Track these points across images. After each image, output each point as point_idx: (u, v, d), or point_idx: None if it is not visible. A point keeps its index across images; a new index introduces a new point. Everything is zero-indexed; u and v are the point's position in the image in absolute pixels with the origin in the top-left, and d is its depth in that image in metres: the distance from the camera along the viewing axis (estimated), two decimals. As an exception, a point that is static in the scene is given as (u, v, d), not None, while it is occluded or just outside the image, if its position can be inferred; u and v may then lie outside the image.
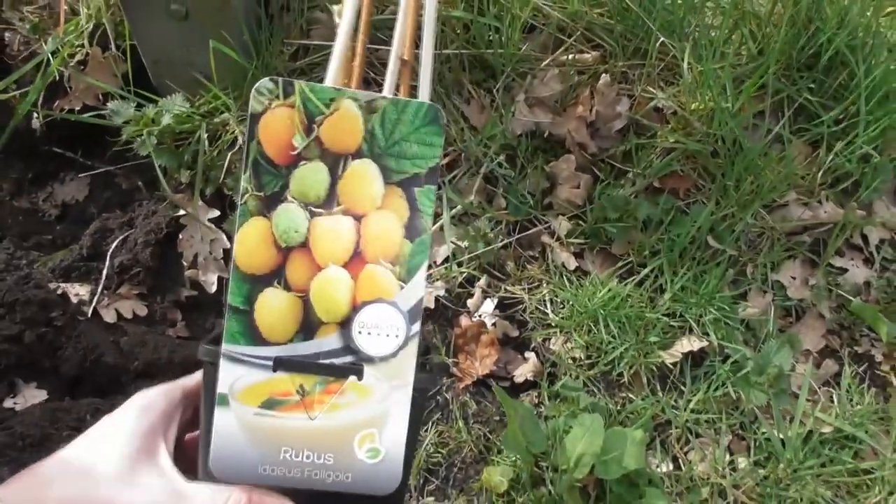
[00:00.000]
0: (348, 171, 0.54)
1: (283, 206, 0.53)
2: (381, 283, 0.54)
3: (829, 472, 1.26)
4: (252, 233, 0.53)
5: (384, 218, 0.54)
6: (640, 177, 1.39)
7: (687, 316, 1.33)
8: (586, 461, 1.14)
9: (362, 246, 0.54)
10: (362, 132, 0.54)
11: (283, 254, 0.53)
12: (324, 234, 0.54)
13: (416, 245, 0.54)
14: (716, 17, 1.47)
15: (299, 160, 0.53)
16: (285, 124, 0.53)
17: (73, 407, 1.13)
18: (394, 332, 0.54)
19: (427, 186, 0.54)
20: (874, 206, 1.50)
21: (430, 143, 0.55)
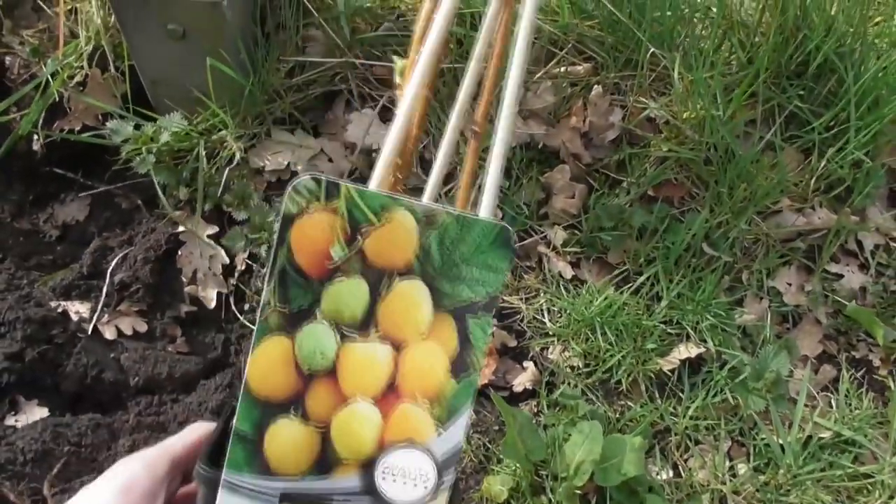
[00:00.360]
0: (393, 292, 0.47)
1: (310, 325, 0.47)
2: (415, 424, 0.47)
3: (828, 477, 1.26)
4: (270, 352, 0.46)
5: (429, 350, 0.47)
6: (634, 186, 1.40)
7: (684, 323, 1.33)
8: (586, 469, 1.14)
9: (399, 380, 0.47)
10: (415, 249, 0.46)
11: (305, 380, 0.47)
12: (355, 363, 0.47)
13: (461, 385, 0.47)
14: (705, 27, 1.49)
15: (336, 274, 0.46)
16: (324, 232, 0.46)
17: (73, 423, 1.14)
18: (422, 481, 0.47)
19: (483, 317, 0.47)
20: (867, 211, 1.51)
21: (496, 268, 0.47)
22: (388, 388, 0.47)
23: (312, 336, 0.46)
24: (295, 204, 0.45)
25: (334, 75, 1.39)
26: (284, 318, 0.46)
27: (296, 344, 0.46)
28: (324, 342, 0.47)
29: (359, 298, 0.47)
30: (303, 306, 0.46)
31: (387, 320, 0.47)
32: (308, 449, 0.47)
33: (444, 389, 0.47)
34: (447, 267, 0.47)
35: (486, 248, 0.47)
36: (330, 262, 0.46)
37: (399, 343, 0.47)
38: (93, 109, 1.38)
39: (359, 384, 0.47)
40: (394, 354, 0.47)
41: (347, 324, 0.47)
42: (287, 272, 0.46)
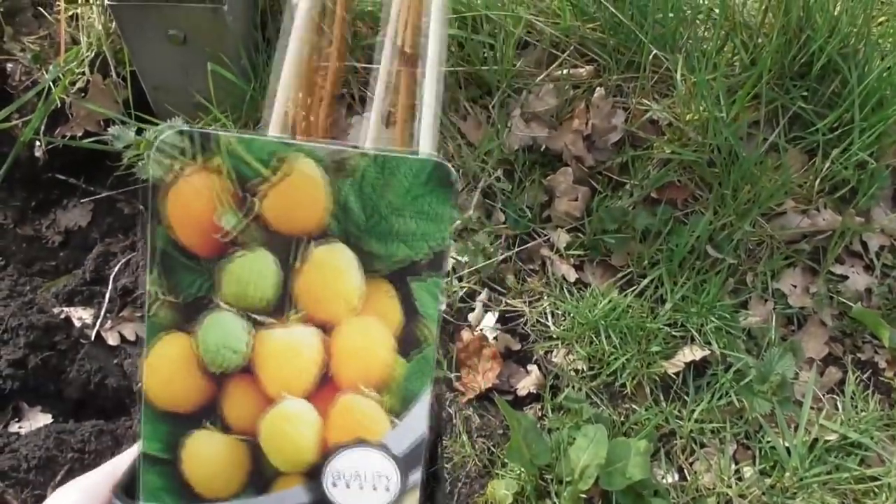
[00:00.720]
0: (309, 262, 0.38)
1: (211, 315, 0.38)
2: (361, 419, 0.39)
3: (835, 480, 1.25)
4: (167, 354, 0.38)
5: (366, 326, 0.39)
6: (637, 188, 1.40)
7: (688, 325, 1.33)
8: (591, 472, 1.13)
9: (334, 368, 0.39)
10: (328, 204, 0.37)
11: (216, 382, 0.39)
12: (275, 354, 0.39)
13: (414, 364, 0.39)
14: (707, 28, 1.48)
15: (232, 249, 0.37)
16: (207, 197, 0.36)
17: (77, 429, 1.14)
18: (382, 483, 0.39)
19: (430, 278, 0.38)
20: (872, 212, 1.50)
21: (436, 214, 0.37)
22: (322, 380, 0.39)
23: (216, 328, 0.38)
24: (163, 167, 0.36)
25: (336, 79, 1.39)
26: (177, 310, 0.38)
27: (197, 340, 0.38)
28: (231, 334, 0.38)
29: (266, 275, 0.38)
30: (197, 293, 0.38)
31: (307, 297, 0.38)
32: (236, 465, 0.40)
33: (392, 373, 0.39)
34: (373, 222, 0.38)
35: (419, 192, 0.37)
36: (221, 234, 0.37)
37: (327, 324, 0.39)
38: (95, 115, 1.38)
39: (284, 380, 0.39)
40: (322, 338, 0.39)
41: (258, 308, 0.38)
42: (170, 254, 0.37)
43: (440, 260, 0.39)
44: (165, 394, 0.39)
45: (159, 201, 0.36)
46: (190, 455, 0.40)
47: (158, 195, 0.36)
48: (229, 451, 0.40)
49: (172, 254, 0.37)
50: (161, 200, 0.37)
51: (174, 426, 0.39)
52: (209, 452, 0.40)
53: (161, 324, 0.38)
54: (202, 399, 0.39)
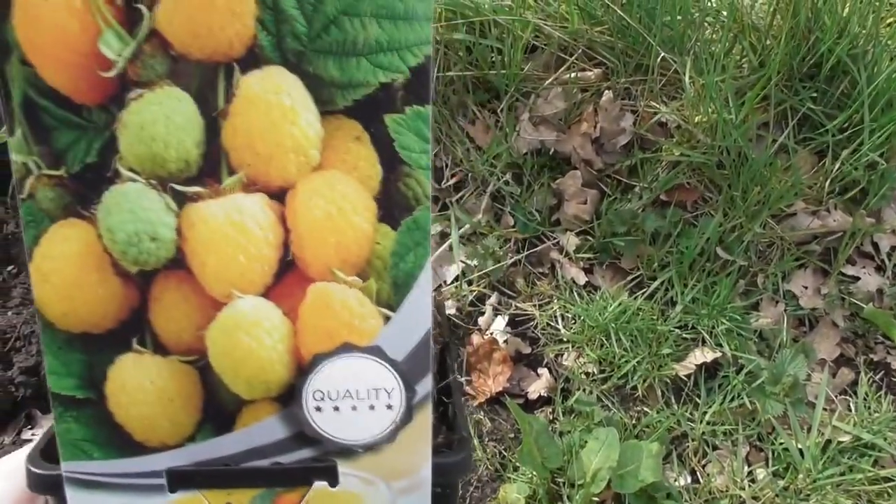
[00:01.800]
0: (239, 99, 0.26)
1: (115, 190, 0.27)
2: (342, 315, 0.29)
3: (848, 481, 1.24)
4: (63, 253, 0.27)
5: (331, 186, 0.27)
6: (646, 190, 1.40)
7: (699, 327, 1.32)
8: (603, 475, 1.13)
9: (296, 249, 0.28)
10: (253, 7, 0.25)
11: (137, 286, 0.28)
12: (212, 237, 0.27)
13: (404, 233, 0.28)
14: (715, 31, 1.48)
15: (126, 88, 0.26)
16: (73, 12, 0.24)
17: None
18: (383, 398, 0.29)
19: (411, 109, 0.27)
20: (883, 213, 1.50)
21: (409, 12, 0.26)
22: (283, 267, 0.28)
23: (123, 208, 0.27)
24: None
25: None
26: (64, 188, 0.26)
27: (101, 228, 0.27)
28: (148, 215, 0.27)
29: (183, 126, 0.26)
30: (88, 158, 0.26)
31: (244, 152, 0.27)
32: (184, 396, 0.29)
33: (376, 248, 0.28)
34: (320, 30, 0.26)
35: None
36: (107, 67, 0.25)
37: (278, 187, 0.27)
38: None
39: (230, 273, 0.28)
40: (275, 208, 0.28)
41: (177, 174, 0.27)
42: (36, 103, 0.25)
43: (422, 80, 0.27)
44: (69, 309, 0.28)
45: (4, 23, 0.24)
46: (117, 390, 0.29)
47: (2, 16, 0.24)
48: (171, 378, 0.29)
49: (40, 103, 0.25)
50: (5, 21, 0.24)
51: (89, 353, 0.28)
52: (143, 383, 0.29)
53: (44, 210, 0.26)
54: (122, 310, 0.28)
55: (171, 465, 0.29)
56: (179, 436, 0.29)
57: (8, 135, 0.25)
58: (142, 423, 0.29)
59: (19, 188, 0.26)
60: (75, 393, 0.29)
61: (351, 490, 0.30)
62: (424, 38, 0.26)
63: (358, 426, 0.29)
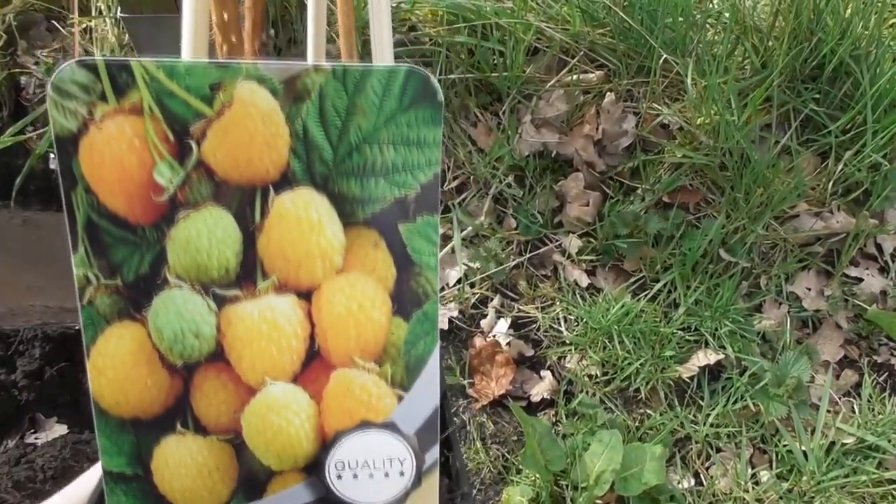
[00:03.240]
0: (273, 215, 0.30)
1: (164, 295, 0.31)
2: (362, 396, 0.33)
3: (853, 483, 1.24)
4: (117, 351, 0.32)
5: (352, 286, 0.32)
6: (649, 192, 1.40)
7: (702, 329, 1.32)
8: (606, 478, 1.13)
9: (321, 341, 0.32)
10: (286, 138, 0.29)
11: (182, 376, 0.32)
12: (248, 333, 0.32)
13: (415, 324, 0.32)
14: (717, 32, 1.48)
15: (176, 209, 0.30)
16: (132, 147, 0.28)
17: (93, 439, 1.14)
18: (396, 466, 0.33)
19: (422, 218, 0.31)
20: (886, 214, 1.50)
21: (420, 139, 0.30)
22: (310, 356, 0.33)
23: (172, 311, 0.31)
24: (68, 115, 0.27)
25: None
26: (119, 294, 0.31)
27: (150, 328, 0.32)
28: (192, 316, 0.31)
29: (223, 239, 0.30)
30: (141, 270, 0.30)
31: (276, 260, 0.31)
32: (221, 470, 0.33)
33: (391, 338, 0.32)
34: (344, 155, 0.30)
35: (394, 111, 0.29)
36: (159, 192, 0.29)
37: (306, 288, 0.32)
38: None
39: (264, 363, 0.32)
40: (303, 306, 0.32)
41: (218, 280, 0.31)
42: (98, 225, 0.29)
43: (432, 193, 0.31)
44: (122, 398, 0.32)
45: (71, 159, 0.28)
46: (162, 466, 0.33)
47: (69, 151, 0.27)
48: (210, 455, 0.33)
49: (100, 224, 0.29)
50: (73, 158, 0.28)
51: (138, 435, 0.32)
52: (185, 460, 0.33)
53: (101, 314, 0.31)
54: (168, 398, 0.33)
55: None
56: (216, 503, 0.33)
57: (72, 252, 0.30)
58: (183, 494, 0.33)
59: (80, 296, 0.31)
60: (125, 470, 0.33)
61: None
62: (434, 160, 0.31)
63: (375, 491, 0.34)
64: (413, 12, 1.44)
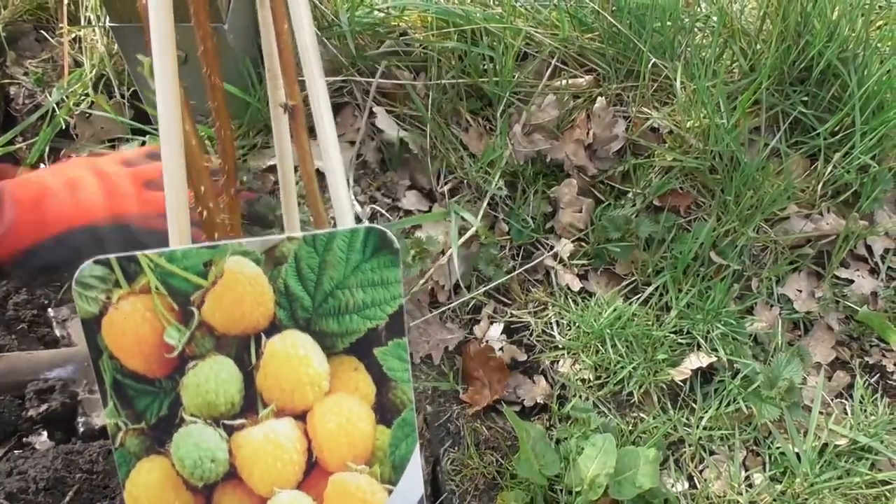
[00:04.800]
0: (267, 356, 0.38)
1: (182, 431, 0.38)
2: (358, 495, 0.40)
3: (846, 485, 1.24)
4: (147, 482, 0.38)
5: (339, 405, 0.39)
6: (639, 196, 1.40)
7: (694, 332, 1.33)
8: (600, 482, 1.13)
9: (318, 452, 0.40)
10: (270, 296, 0.37)
11: (204, 495, 0.39)
12: (256, 453, 0.39)
13: (397, 429, 0.40)
14: (706, 36, 1.49)
15: (185, 362, 0.38)
16: (145, 320, 0.36)
17: (85, 450, 1.14)
18: None
19: (392, 342, 0.39)
20: (876, 215, 1.50)
21: (384, 279, 0.37)
22: (309, 466, 0.40)
23: (190, 443, 0.38)
24: (90, 301, 0.35)
25: (339, 88, 1.40)
26: (145, 435, 0.37)
27: (174, 459, 0.38)
28: (207, 445, 0.38)
29: (227, 380, 0.38)
30: (161, 413, 0.37)
31: (273, 391, 0.39)
32: None
33: (377, 443, 0.39)
34: (320, 301, 0.37)
35: (359, 262, 0.37)
36: (170, 351, 0.37)
37: (301, 411, 0.39)
38: (99, 134, 1.39)
39: (271, 476, 0.39)
40: (300, 426, 0.39)
41: (226, 413, 0.38)
42: (121, 383, 0.37)
43: (398, 321, 0.39)
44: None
45: (96, 335, 0.36)
46: None
47: (93, 329, 0.36)
48: None
49: (124, 382, 0.37)
50: (98, 334, 0.36)
51: None
52: None
53: (132, 452, 0.38)
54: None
55: None
56: None
57: (102, 406, 0.37)
58: None
59: (113, 440, 0.38)
60: None
61: None
62: (397, 294, 0.38)
63: None
64: (403, 18, 1.45)
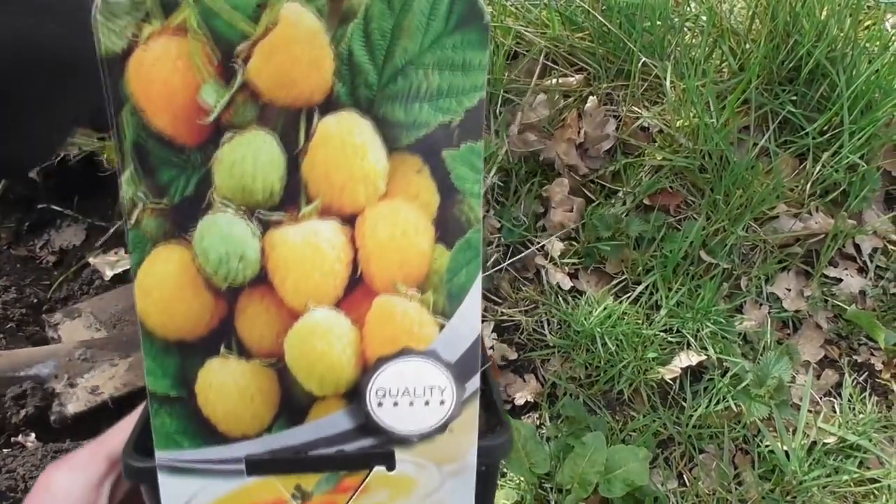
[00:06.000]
0: (317, 138, 0.31)
1: (208, 218, 0.31)
2: (403, 324, 0.33)
3: (835, 483, 1.25)
4: (163, 272, 0.32)
5: (395, 212, 0.32)
6: (630, 195, 1.40)
7: (684, 331, 1.33)
8: (590, 480, 1.13)
9: (364, 266, 0.33)
10: (330, 60, 0.30)
11: (226, 299, 0.33)
12: (292, 257, 0.32)
13: (458, 252, 0.33)
14: (695, 35, 1.49)
15: (220, 133, 0.31)
16: (179, 67, 0.29)
17: (73, 447, 1.13)
18: (436, 395, 0.34)
19: (466, 145, 0.31)
20: (864, 214, 1.51)
21: (464, 63, 0.30)
22: (352, 282, 0.33)
23: (216, 233, 0.31)
24: (115, 35, 0.28)
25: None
26: (165, 216, 0.31)
27: (196, 251, 0.32)
28: (237, 239, 0.32)
29: (268, 163, 0.31)
30: (187, 191, 0.31)
31: (320, 184, 0.31)
32: (263, 394, 0.34)
33: (433, 265, 0.33)
34: (388, 79, 0.30)
35: (440, 33, 0.30)
36: (205, 114, 0.30)
37: (349, 214, 0.32)
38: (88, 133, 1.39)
39: (307, 287, 0.32)
40: (346, 231, 0.32)
41: (263, 203, 0.31)
42: (144, 144, 0.30)
43: (476, 121, 0.31)
44: (167, 319, 0.32)
45: (119, 79, 0.29)
46: (206, 389, 0.34)
47: (117, 71, 0.29)
48: (253, 378, 0.33)
49: (147, 144, 0.30)
50: (121, 77, 0.29)
51: (183, 357, 0.33)
52: (228, 383, 0.33)
53: (148, 235, 0.31)
54: (212, 321, 0.33)
55: (250, 452, 0.34)
56: (258, 428, 0.34)
57: (119, 174, 0.30)
58: (225, 417, 0.34)
59: (128, 217, 0.31)
60: (170, 392, 0.34)
61: (406, 474, 0.35)
62: (479, 85, 0.31)
63: (414, 419, 0.34)
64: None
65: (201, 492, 0.34)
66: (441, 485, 0.35)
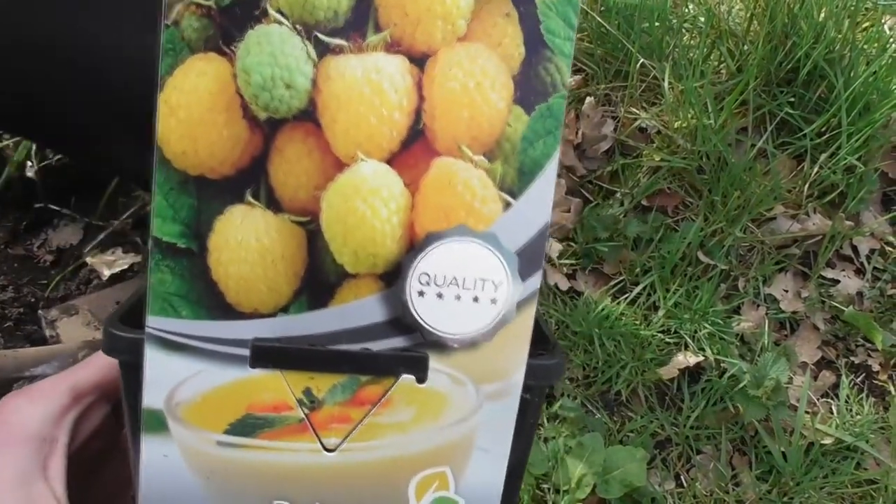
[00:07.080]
0: None
1: (259, 29, 0.26)
2: (465, 196, 0.27)
3: (832, 484, 1.25)
4: (194, 88, 0.26)
5: (473, 59, 0.26)
6: (628, 196, 1.40)
7: (682, 332, 1.33)
8: (588, 481, 1.13)
9: (428, 118, 0.27)
10: None
11: (263, 133, 0.27)
12: (346, 94, 0.26)
13: (537, 119, 0.27)
14: (693, 37, 1.50)
15: None
16: None
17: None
18: (489, 291, 0.27)
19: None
20: (862, 216, 1.51)
21: None
22: (411, 135, 0.27)
23: (265, 51, 0.26)
24: None
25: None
26: (210, 19, 0.25)
27: (238, 68, 0.26)
28: (287, 61, 0.26)
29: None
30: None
31: (393, 11, 0.26)
32: (287, 260, 0.28)
33: (507, 129, 0.27)
34: None
35: None
36: None
37: (420, 52, 0.27)
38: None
39: (358, 133, 0.27)
40: (413, 73, 0.27)
41: (325, 23, 0.26)
42: None
43: None
44: (190, 146, 0.26)
45: None
46: (221, 244, 0.27)
47: None
48: (278, 238, 0.27)
49: None
50: None
51: (201, 199, 0.27)
52: (249, 241, 0.27)
53: (186, 39, 0.25)
54: (242, 158, 0.27)
55: (259, 335, 0.28)
56: (273, 304, 0.28)
57: None
58: (238, 283, 0.28)
59: (166, 14, 0.25)
60: (178, 241, 0.27)
61: (438, 389, 0.28)
62: None
63: (458, 318, 0.28)
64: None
65: (192, 378, 0.28)
66: (476, 409, 0.29)
